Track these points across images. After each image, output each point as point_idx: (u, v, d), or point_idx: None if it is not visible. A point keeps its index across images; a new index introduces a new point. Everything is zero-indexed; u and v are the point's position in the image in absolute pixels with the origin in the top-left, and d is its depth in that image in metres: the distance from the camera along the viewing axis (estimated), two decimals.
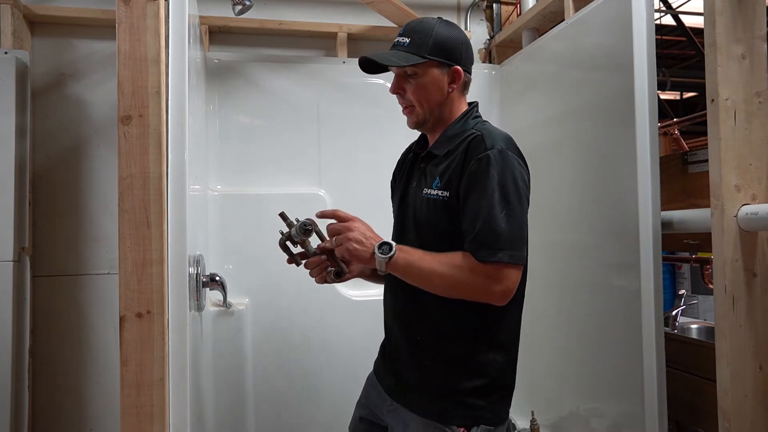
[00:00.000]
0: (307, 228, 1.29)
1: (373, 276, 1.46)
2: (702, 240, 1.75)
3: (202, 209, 1.98)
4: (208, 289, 1.71)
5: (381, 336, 2.42)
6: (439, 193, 1.23)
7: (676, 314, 2.20)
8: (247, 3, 1.98)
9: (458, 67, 1.28)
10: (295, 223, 1.31)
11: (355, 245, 1.20)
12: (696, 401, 1.65)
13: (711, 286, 2.63)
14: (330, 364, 2.24)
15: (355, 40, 2.42)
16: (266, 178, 2.26)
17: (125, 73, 1.24)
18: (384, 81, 2.35)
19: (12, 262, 1.89)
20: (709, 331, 2.24)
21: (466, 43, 1.31)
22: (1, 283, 1.87)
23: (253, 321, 2.17)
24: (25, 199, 1.96)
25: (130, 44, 1.25)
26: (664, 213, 1.56)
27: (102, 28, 2.13)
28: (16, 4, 1.97)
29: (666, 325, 2.07)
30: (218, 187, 2.22)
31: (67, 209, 2.12)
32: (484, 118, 1.35)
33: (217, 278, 1.69)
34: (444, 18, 1.33)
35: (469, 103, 1.36)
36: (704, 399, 1.55)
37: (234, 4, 1.99)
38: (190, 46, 1.37)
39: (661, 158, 1.57)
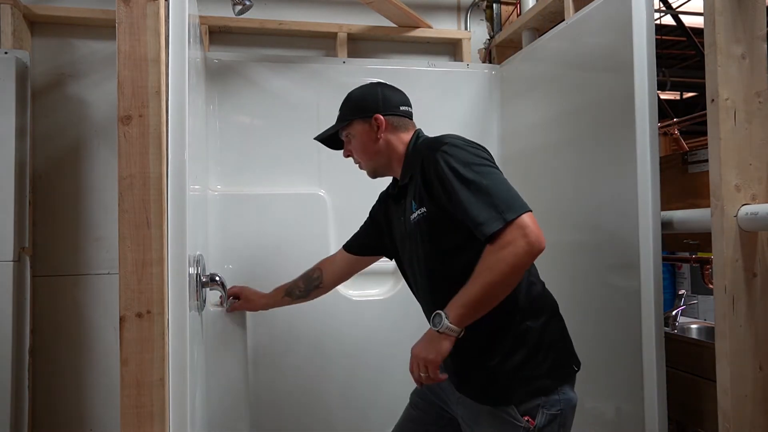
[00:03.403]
0: None
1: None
2: (702, 240, 1.75)
3: (202, 209, 1.98)
4: (208, 289, 1.71)
5: (380, 336, 2.43)
6: (419, 211, 1.33)
7: (676, 314, 2.20)
8: (247, 3, 1.98)
9: (377, 115, 1.43)
10: None
11: (429, 357, 1.21)
12: (696, 401, 1.65)
13: (711, 286, 2.63)
14: (330, 363, 2.24)
15: (355, 40, 2.42)
16: (266, 178, 2.26)
17: (125, 73, 1.24)
18: (384, 81, 2.35)
19: (12, 262, 1.89)
20: (709, 331, 2.24)
21: (382, 91, 1.47)
22: (1, 283, 1.87)
23: (253, 321, 2.17)
24: (25, 199, 1.96)
25: (130, 44, 1.25)
26: (664, 213, 1.56)
27: (102, 28, 2.13)
28: (16, 4, 1.97)
29: (666, 325, 2.07)
30: (218, 187, 2.22)
31: (67, 209, 2.12)
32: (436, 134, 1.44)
33: (217, 278, 1.70)
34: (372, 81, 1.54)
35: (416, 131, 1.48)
36: (704, 399, 1.55)
37: (234, 4, 1.99)
38: (190, 46, 1.37)
39: (661, 158, 1.57)
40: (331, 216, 2.27)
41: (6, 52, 1.92)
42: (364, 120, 1.45)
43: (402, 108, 1.47)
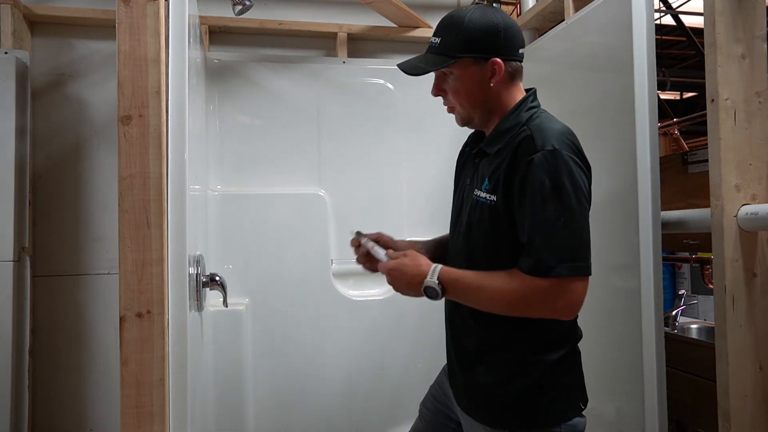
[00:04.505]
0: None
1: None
2: (702, 240, 1.76)
3: (202, 209, 1.98)
4: (208, 289, 1.71)
5: (380, 336, 2.43)
6: (487, 196, 1.15)
7: (676, 314, 2.20)
8: (247, 3, 1.98)
9: (497, 59, 1.16)
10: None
11: (404, 292, 1.19)
12: (696, 401, 1.65)
13: (711, 286, 2.63)
14: (330, 364, 2.24)
15: (355, 40, 2.42)
16: (266, 178, 2.26)
17: (125, 73, 1.24)
18: (384, 81, 2.36)
19: (12, 262, 1.89)
20: (709, 331, 2.24)
21: (505, 28, 1.17)
22: (1, 283, 1.87)
23: (253, 321, 2.17)
24: (25, 199, 1.96)
25: (130, 44, 1.25)
26: (664, 213, 1.56)
27: (102, 28, 2.13)
28: (16, 4, 1.97)
29: (666, 325, 2.07)
30: (218, 187, 2.22)
31: (67, 209, 2.12)
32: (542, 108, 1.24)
33: (217, 278, 1.69)
34: (482, 4, 1.24)
35: (527, 90, 1.24)
36: (704, 399, 1.56)
37: (234, 4, 1.99)
38: (190, 46, 1.37)
39: (661, 158, 1.57)
40: (331, 216, 2.27)
41: (6, 52, 1.92)
42: (477, 61, 1.16)
43: (521, 51, 1.21)
